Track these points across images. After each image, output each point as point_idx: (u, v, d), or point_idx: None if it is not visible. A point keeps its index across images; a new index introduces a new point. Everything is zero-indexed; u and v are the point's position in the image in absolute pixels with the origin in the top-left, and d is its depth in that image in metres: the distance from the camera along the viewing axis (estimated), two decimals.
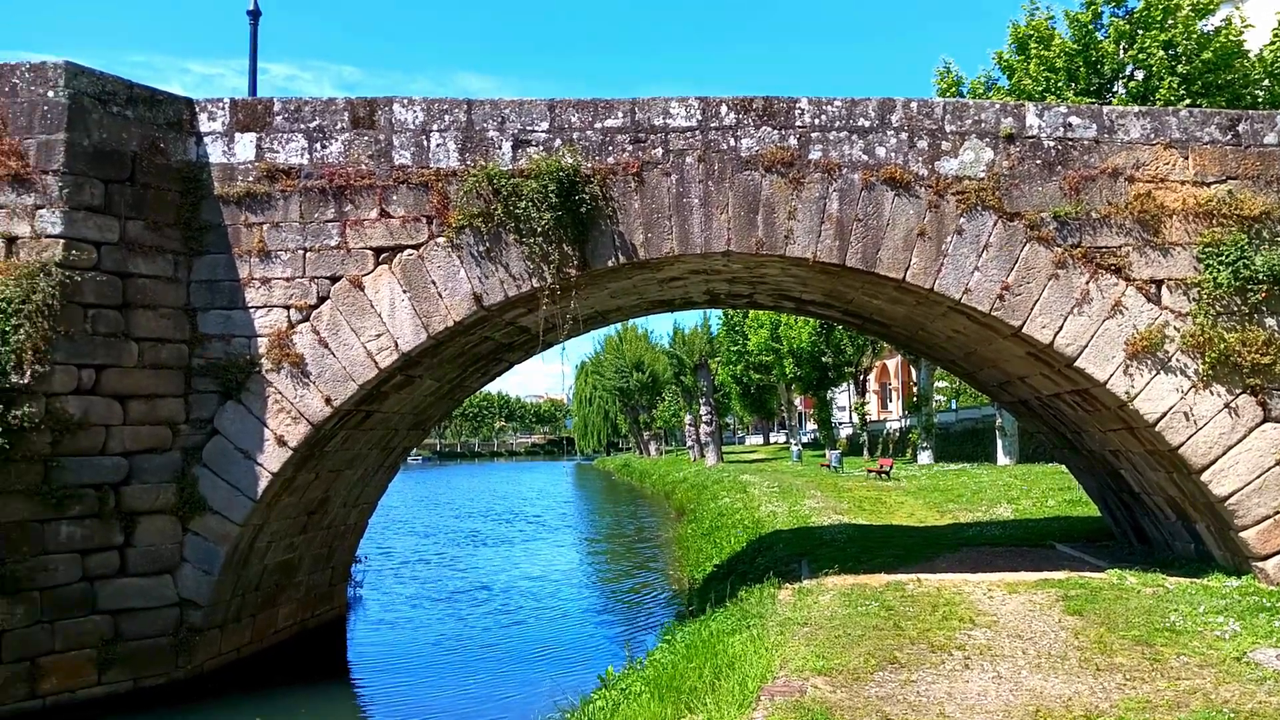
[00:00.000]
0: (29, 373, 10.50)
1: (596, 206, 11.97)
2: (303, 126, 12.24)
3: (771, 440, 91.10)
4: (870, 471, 34.64)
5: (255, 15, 17.37)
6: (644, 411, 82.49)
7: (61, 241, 10.93)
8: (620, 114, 12.25)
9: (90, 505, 11.16)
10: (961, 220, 12.04)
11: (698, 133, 12.18)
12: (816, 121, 12.21)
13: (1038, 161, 12.21)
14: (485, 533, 32.16)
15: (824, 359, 49.31)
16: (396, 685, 13.18)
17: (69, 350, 10.92)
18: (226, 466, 11.86)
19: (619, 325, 73.66)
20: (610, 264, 12.07)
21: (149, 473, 11.62)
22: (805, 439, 73.33)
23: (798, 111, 12.23)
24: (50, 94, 11.07)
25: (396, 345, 12.05)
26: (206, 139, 12.18)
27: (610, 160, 12.13)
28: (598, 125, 12.22)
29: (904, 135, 12.22)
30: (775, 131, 12.18)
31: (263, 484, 11.83)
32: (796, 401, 70.66)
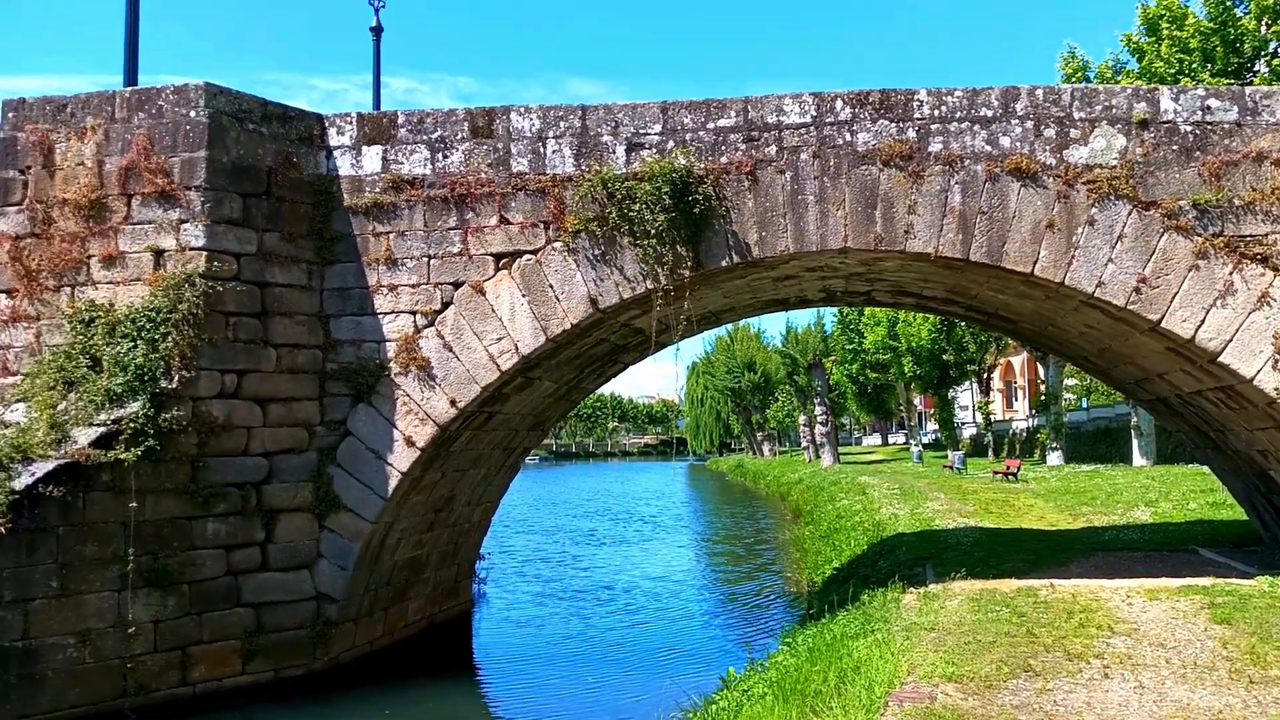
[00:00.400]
0: (177, 378, 11.16)
1: (710, 207, 11.96)
2: (425, 138, 12.63)
3: (890, 441, 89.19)
4: (996, 473, 33.54)
5: (378, 32, 18.06)
6: (757, 412, 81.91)
7: (204, 253, 11.57)
8: (733, 113, 12.21)
9: (234, 503, 11.78)
10: (1093, 210, 11.55)
11: (812, 129, 12.04)
12: (936, 113, 11.90)
13: (1174, 147, 11.61)
14: (603, 532, 32.51)
15: (945, 357, 48.00)
16: (521, 682, 13.45)
17: (212, 356, 11.55)
18: (359, 466, 12.34)
19: (730, 325, 73.38)
20: (724, 264, 12.05)
21: (287, 472, 12.18)
22: (926, 439, 71.50)
23: (916, 103, 11.95)
24: (192, 114, 11.73)
25: (516, 348, 12.31)
26: (336, 152, 12.70)
27: (723, 160, 12.10)
28: (710, 125, 12.21)
29: (1029, 124, 11.79)
30: (893, 124, 11.94)
31: (393, 483, 12.25)
32: (916, 401, 68.99)
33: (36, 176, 11.97)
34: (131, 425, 10.79)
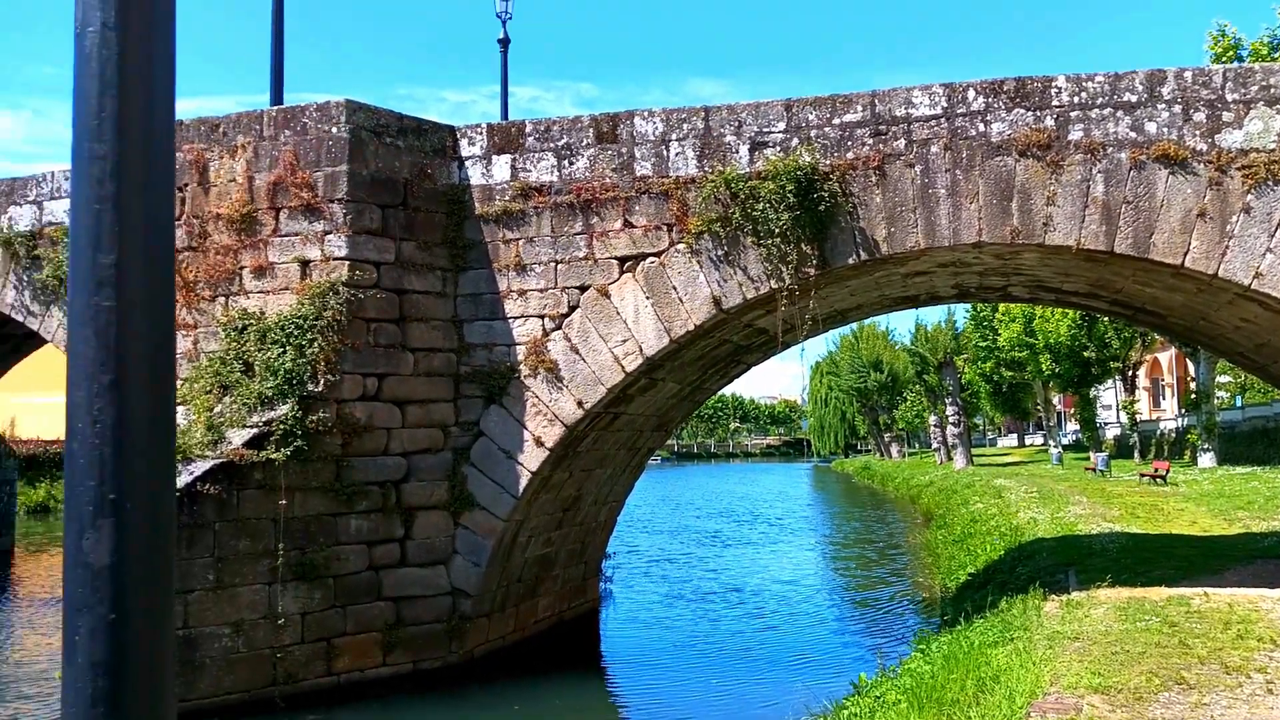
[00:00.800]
0: (322, 382, 11.72)
1: (836, 204, 11.79)
2: (552, 145, 12.88)
3: (1026, 442, 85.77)
4: (1143, 475, 31.84)
5: (505, 44, 18.55)
6: (884, 412, 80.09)
7: (346, 263, 12.10)
8: (859, 107, 12.00)
9: (375, 501, 12.28)
10: (1249, 197, 10.84)
11: (943, 120, 11.71)
12: (1075, 100, 11.40)
13: None
14: (728, 534, 32.40)
15: (1085, 354, 45.81)
16: (649, 681, 13.54)
17: (355, 361, 12.08)
18: (491, 466, 12.69)
19: (855, 323, 71.99)
20: (850, 261, 11.85)
21: (424, 471, 12.62)
22: (1065, 441, 68.44)
23: (1054, 90, 11.48)
24: (334, 130, 12.29)
25: (641, 350, 12.41)
26: (467, 162, 13.09)
27: (849, 155, 11.91)
28: (835, 121, 12.04)
29: (1177, 108, 11.17)
30: (1029, 113, 11.50)
31: (523, 482, 12.55)
32: (1055, 400, 66.09)
33: (193, 193, 12.78)
34: (281, 427, 11.38)
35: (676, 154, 12.47)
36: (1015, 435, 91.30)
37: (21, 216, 15.52)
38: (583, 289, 12.66)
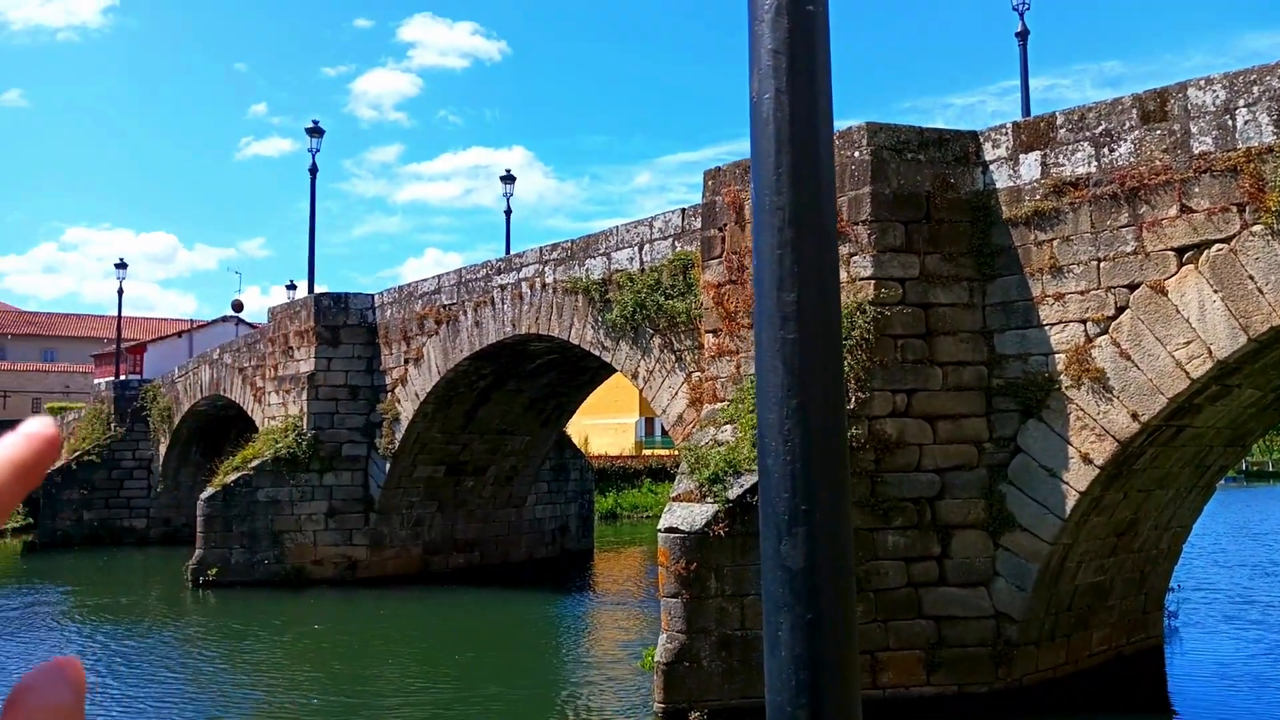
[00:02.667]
0: (854, 399, 11.99)
1: None
2: (1087, 134, 11.86)
3: None
4: None
5: (1024, 36, 17.58)
6: None
7: (872, 282, 12.29)
8: None
9: (910, 517, 12.22)
10: None
11: None
12: None
13: None
14: None
15: None
16: None
17: (884, 377, 12.19)
18: (1032, 484, 11.94)
19: None
20: None
21: (958, 488, 12.29)
22: None
23: None
24: (855, 154, 12.59)
25: (1210, 352, 10.83)
26: (991, 166, 12.57)
27: None
28: None
29: None
30: None
31: (1070, 502, 11.62)
32: None
33: (730, 232, 13.93)
34: None
35: (1245, 122, 10.72)
36: None
37: (595, 267, 18.23)
38: (1131, 287, 11.41)
